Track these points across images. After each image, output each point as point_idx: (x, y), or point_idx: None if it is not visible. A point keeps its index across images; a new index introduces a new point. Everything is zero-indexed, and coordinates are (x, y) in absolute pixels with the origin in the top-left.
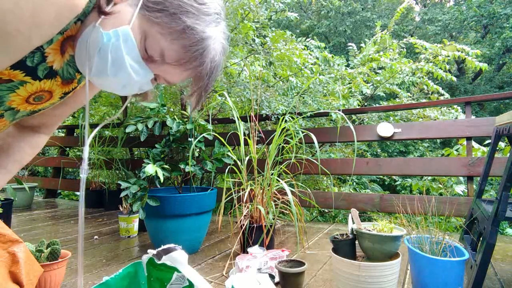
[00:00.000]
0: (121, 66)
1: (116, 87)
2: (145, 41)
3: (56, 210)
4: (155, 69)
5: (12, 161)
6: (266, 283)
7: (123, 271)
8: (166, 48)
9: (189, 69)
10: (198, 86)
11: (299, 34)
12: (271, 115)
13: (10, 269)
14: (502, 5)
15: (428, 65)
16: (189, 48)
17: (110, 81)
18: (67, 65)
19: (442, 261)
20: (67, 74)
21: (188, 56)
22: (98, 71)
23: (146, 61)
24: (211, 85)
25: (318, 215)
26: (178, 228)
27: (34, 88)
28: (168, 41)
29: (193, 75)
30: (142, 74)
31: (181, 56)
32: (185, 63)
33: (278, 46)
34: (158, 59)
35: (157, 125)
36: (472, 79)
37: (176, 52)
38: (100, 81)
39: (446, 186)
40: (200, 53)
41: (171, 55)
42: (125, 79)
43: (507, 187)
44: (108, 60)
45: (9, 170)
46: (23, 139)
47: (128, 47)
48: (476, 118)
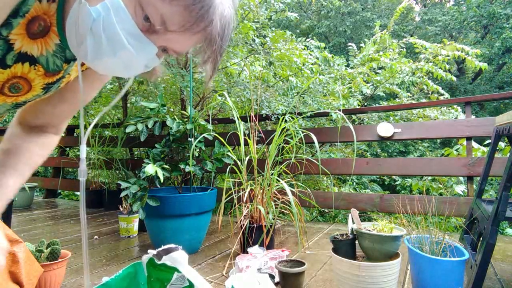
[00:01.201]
0: (118, 43)
1: (118, 69)
2: (141, 8)
3: (56, 210)
4: (159, 40)
5: (23, 163)
6: (266, 283)
7: (123, 271)
8: (166, 13)
9: (197, 32)
10: (211, 51)
11: (299, 34)
12: (271, 115)
13: (10, 269)
14: (502, 5)
15: (428, 65)
16: (192, 7)
17: (110, 63)
18: (53, 57)
19: (442, 261)
20: (54, 66)
21: (193, 17)
22: (94, 53)
23: (147, 32)
24: (226, 45)
25: (318, 215)
26: (178, 228)
27: (5, 76)
28: (166, 4)
29: (202, 39)
30: (144, 49)
31: (185, 19)
32: (191, 26)
33: (278, 46)
34: (159, 27)
35: (157, 125)
36: (472, 79)
37: (178, 15)
38: (100, 65)
39: (446, 186)
40: (206, 10)
41: (173, 20)
42: (126, 58)
43: (507, 187)
44: (102, 39)
45: (21, 173)
46: (32, 140)
47: (122, 20)
48: (476, 118)
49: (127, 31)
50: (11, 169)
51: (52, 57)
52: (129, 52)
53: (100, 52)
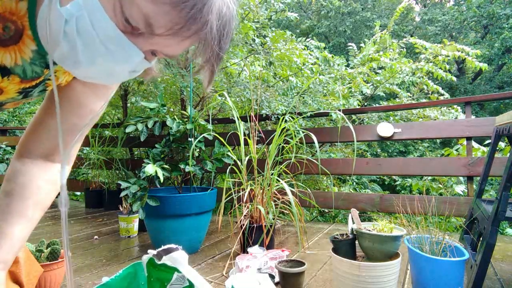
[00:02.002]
0: (96, 49)
1: (100, 76)
2: (121, 8)
3: (56, 210)
4: (145, 44)
5: (31, 207)
6: (266, 283)
7: (123, 271)
8: (151, 13)
9: (189, 37)
10: (206, 58)
11: (299, 34)
12: (271, 115)
13: (10, 269)
14: (502, 5)
15: (428, 65)
16: (182, 5)
17: (90, 72)
18: (31, 65)
19: (442, 261)
20: (32, 74)
21: (183, 19)
22: (71, 61)
23: (130, 35)
24: (225, 48)
25: (318, 215)
26: (178, 228)
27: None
28: (150, 3)
29: (197, 42)
30: (128, 55)
31: (174, 20)
32: (180, 30)
33: (278, 46)
34: (144, 31)
35: (157, 125)
36: (472, 79)
37: (165, 15)
38: (79, 73)
39: (446, 186)
40: (199, 9)
41: (159, 22)
42: (107, 65)
43: (507, 187)
44: (77, 45)
45: (30, 217)
46: (39, 176)
47: (98, 21)
48: (476, 118)
49: (105, 34)
50: (16, 215)
51: (30, 65)
52: (109, 59)
53: (77, 59)
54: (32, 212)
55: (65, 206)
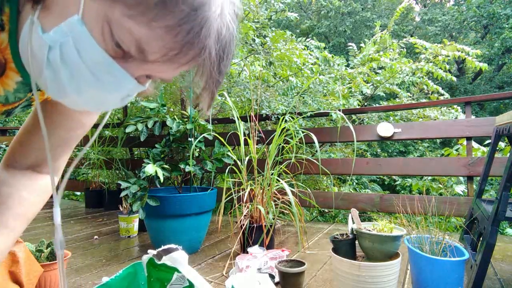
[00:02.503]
0: (83, 79)
1: (90, 105)
2: (110, 31)
3: None
4: (138, 69)
5: (14, 216)
6: (266, 283)
7: (123, 271)
8: (144, 38)
9: (186, 63)
10: (205, 83)
11: (299, 34)
12: (271, 115)
13: (10, 269)
14: (502, 5)
15: (428, 65)
16: (177, 29)
17: (79, 101)
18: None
19: (442, 261)
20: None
21: (179, 44)
22: (56, 89)
23: (122, 60)
24: (225, 72)
25: (318, 215)
26: (178, 228)
27: None
28: (143, 26)
29: (194, 67)
30: (119, 83)
31: (168, 46)
32: (176, 56)
33: (278, 46)
34: (137, 56)
35: (157, 125)
36: (472, 79)
37: (159, 40)
38: (67, 102)
39: (446, 186)
40: (196, 33)
41: (153, 48)
42: (96, 94)
43: (507, 187)
44: (62, 75)
45: (11, 228)
46: (24, 187)
47: (85, 48)
48: (476, 118)
49: (93, 61)
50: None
51: (13, 93)
52: (99, 87)
53: (63, 89)
54: (14, 223)
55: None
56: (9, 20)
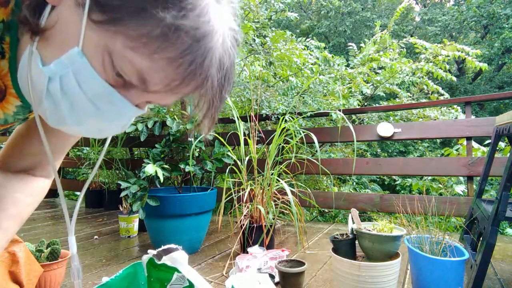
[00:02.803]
0: (83, 110)
1: (90, 134)
2: (111, 62)
3: (56, 210)
4: (138, 97)
5: (7, 217)
6: (266, 283)
7: (123, 271)
8: (145, 68)
9: (188, 93)
10: (207, 111)
11: (299, 34)
12: (271, 115)
13: (10, 269)
14: (502, 5)
15: (428, 65)
16: (179, 61)
17: (79, 130)
18: (15, 115)
19: (442, 261)
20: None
21: (181, 75)
22: (56, 119)
23: (122, 88)
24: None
25: (318, 215)
26: (178, 228)
27: None
28: (145, 58)
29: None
30: (120, 112)
31: (170, 77)
32: (178, 86)
33: (278, 46)
34: (137, 85)
35: (157, 125)
36: (472, 79)
37: (161, 72)
38: (68, 130)
39: (446, 186)
40: (199, 64)
41: (155, 79)
42: (97, 124)
43: (507, 187)
44: (62, 106)
45: (4, 228)
46: (18, 188)
47: (86, 79)
48: (476, 118)
49: (94, 92)
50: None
51: (13, 116)
52: (100, 117)
53: (62, 119)
54: (7, 223)
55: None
56: (10, 48)
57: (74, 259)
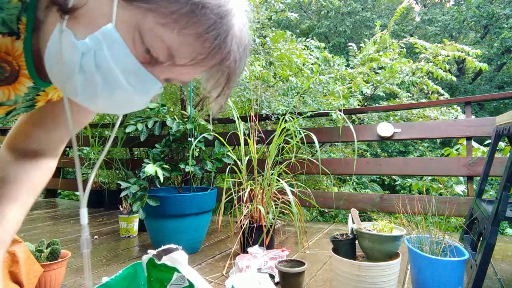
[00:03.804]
0: (115, 83)
1: (116, 108)
2: (141, 39)
3: (56, 210)
4: (163, 73)
5: (24, 193)
6: (266, 283)
7: (123, 271)
8: (174, 45)
9: (211, 67)
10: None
11: (299, 34)
12: (271, 115)
13: (10, 269)
14: (502, 5)
15: (428, 65)
16: (205, 36)
17: (107, 105)
18: (25, 96)
19: (442, 261)
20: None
21: (207, 49)
22: (87, 94)
23: (149, 64)
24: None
25: (318, 215)
26: (178, 228)
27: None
28: (175, 34)
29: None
30: (148, 87)
31: (197, 51)
32: (203, 60)
33: (278, 46)
34: (165, 61)
35: (157, 125)
36: (472, 79)
37: (188, 46)
38: (93, 106)
39: (446, 186)
40: (223, 39)
41: (182, 53)
42: (125, 97)
43: (507, 187)
44: (96, 79)
45: (23, 203)
46: (30, 167)
47: (118, 55)
48: (476, 118)
49: (125, 67)
50: (10, 200)
51: (23, 97)
52: (129, 92)
53: (94, 93)
54: (25, 198)
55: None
56: (25, 28)
57: (84, 230)
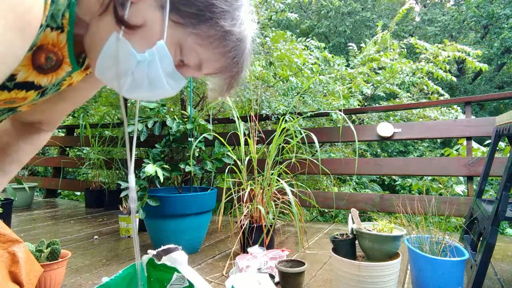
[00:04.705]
0: (158, 84)
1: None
2: (180, 52)
3: (56, 210)
4: (187, 73)
5: (10, 162)
6: (266, 283)
7: (123, 272)
8: (206, 59)
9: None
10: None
11: (299, 34)
12: (271, 115)
13: (10, 269)
14: (501, 5)
15: (429, 65)
16: (228, 54)
17: (143, 96)
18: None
19: (442, 261)
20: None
21: (229, 63)
22: (132, 90)
23: (178, 67)
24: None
25: (318, 215)
26: (178, 228)
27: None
28: (208, 52)
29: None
30: (178, 84)
31: (222, 65)
32: (224, 71)
33: (278, 46)
34: (193, 67)
35: (157, 125)
36: (472, 79)
37: (216, 62)
38: (132, 96)
39: (446, 186)
40: (240, 55)
41: (210, 66)
42: (162, 94)
43: (507, 187)
44: (144, 81)
45: (7, 171)
46: (22, 138)
47: (165, 65)
48: (476, 118)
49: (167, 73)
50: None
51: (60, 79)
52: (165, 90)
53: (138, 90)
54: (9, 167)
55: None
56: (68, 23)
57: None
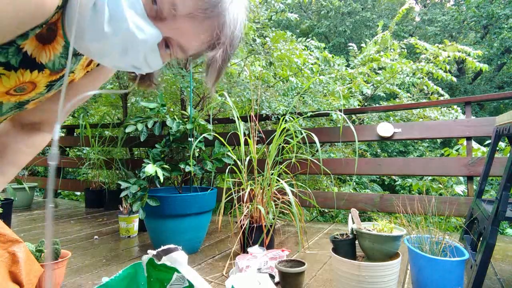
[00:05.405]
0: (121, 21)
1: (116, 52)
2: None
3: (56, 210)
4: (165, 29)
5: (7, 163)
6: (266, 283)
7: (123, 271)
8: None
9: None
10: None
11: (299, 34)
12: (271, 115)
13: (10, 269)
14: (501, 5)
15: (429, 66)
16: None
17: (108, 45)
18: (59, 58)
19: (442, 261)
20: (58, 66)
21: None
22: (93, 32)
23: (153, 19)
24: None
25: (318, 215)
26: (178, 228)
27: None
28: None
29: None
30: (148, 33)
31: (197, 5)
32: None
33: (278, 46)
34: (168, 14)
35: (157, 125)
36: (472, 79)
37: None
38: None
39: (446, 186)
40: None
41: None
42: (127, 39)
43: (507, 187)
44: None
45: (4, 173)
46: (22, 139)
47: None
48: (476, 118)
49: (134, 10)
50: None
51: (58, 58)
52: (131, 33)
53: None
54: (7, 169)
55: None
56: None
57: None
